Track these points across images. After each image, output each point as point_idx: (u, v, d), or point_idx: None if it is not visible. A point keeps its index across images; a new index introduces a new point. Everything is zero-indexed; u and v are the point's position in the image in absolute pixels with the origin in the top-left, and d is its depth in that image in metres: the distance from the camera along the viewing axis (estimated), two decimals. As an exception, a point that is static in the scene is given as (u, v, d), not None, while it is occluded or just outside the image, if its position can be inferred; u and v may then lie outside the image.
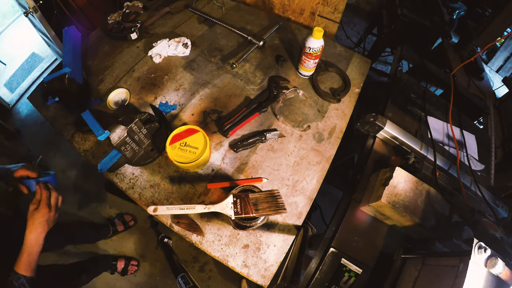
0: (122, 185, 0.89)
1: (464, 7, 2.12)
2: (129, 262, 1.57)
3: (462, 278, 0.61)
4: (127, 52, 1.18)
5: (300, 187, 0.90)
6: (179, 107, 1.03)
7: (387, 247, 0.86)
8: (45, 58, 2.45)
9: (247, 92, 1.08)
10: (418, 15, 1.67)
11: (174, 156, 0.80)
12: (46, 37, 1.81)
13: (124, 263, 1.55)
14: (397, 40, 1.72)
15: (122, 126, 0.88)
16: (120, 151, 0.83)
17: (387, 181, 0.80)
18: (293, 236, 0.83)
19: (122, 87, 1.06)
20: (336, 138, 1.01)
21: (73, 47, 1.09)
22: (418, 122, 1.13)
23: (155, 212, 0.70)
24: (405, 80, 1.27)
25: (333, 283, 0.80)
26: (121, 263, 1.55)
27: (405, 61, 1.79)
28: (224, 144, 0.96)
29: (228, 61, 1.16)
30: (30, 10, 1.52)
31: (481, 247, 0.63)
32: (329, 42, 1.29)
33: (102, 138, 0.89)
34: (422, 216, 0.78)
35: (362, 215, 0.89)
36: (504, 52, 2.77)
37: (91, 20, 1.77)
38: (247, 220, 0.74)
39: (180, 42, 1.16)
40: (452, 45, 1.64)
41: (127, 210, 1.76)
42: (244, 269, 0.78)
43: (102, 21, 1.24)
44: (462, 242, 0.83)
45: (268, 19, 1.35)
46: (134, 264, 1.58)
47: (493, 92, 1.50)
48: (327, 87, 1.13)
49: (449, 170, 0.97)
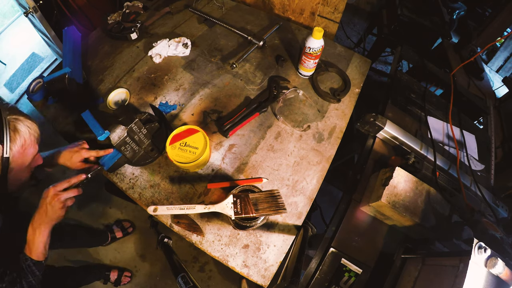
0: (122, 185, 0.89)
1: (464, 7, 2.12)
2: (122, 273, 1.57)
3: (462, 278, 0.61)
4: (127, 52, 1.18)
5: (300, 187, 0.90)
6: (179, 107, 1.03)
7: (387, 247, 0.86)
8: (45, 58, 2.45)
9: (247, 92, 1.08)
10: (418, 15, 1.67)
11: (174, 156, 0.80)
12: (46, 37, 1.81)
13: (117, 274, 1.55)
14: (397, 40, 1.72)
15: (122, 126, 0.88)
16: (120, 151, 0.83)
17: (387, 181, 0.80)
18: (293, 236, 0.83)
19: (122, 87, 1.06)
20: (336, 138, 1.01)
21: (73, 47, 1.09)
22: (418, 122, 1.13)
23: (155, 212, 0.70)
24: (405, 80, 1.27)
25: (333, 283, 0.80)
26: (114, 274, 1.54)
27: (405, 61, 1.79)
28: (224, 144, 0.96)
29: (228, 61, 1.16)
30: (30, 10, 1.52)
31: (481, 247, 0.63)
32: (329, 42, 1.29)
33: (102, 138, 0.89)
34: (422, 216, 0.78)
35: (362, 215, 0.89)
36: (504, 52, 2.77)
37: (91, 20, 1.76)
38: (247, 220, 0.74)
39: (180, 42, 1.16)
40: (452, 45, 1.64)
41: (127, 210, 1.76)
42: (244, 269, 0.78)
43: (102, 21, 1.24)
44: (462, 242, 0.83)
45: (268, 19, 1.35)
46: (127, 276, 1.58)
47: (493, 92, 1.50)
48: (327, 87, 1.13)
49: (449, 170, 0.97)
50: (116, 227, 1.67)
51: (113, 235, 1.63)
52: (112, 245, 1.66)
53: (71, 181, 0.76)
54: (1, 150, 0.62)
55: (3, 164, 0.63)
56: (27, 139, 0.67)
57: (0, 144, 0.61)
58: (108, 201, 1.79)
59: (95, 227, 1.71)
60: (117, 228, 1.67)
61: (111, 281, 1.54)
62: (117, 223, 1.71)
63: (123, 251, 1.66)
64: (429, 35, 1.71)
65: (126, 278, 1.57)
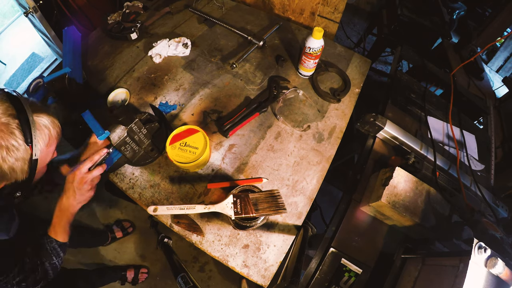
0: (122, 185, 0.89)
1: (464, 7, 2.12)
2: (139, 270, 1.56)
3: (462, 278, 0.61)
4: (127, 52, 1.18)
5: (300, 187, 0.90)
6: (179, 107, 1.03)
7: (387, 247, 0.86)
8: (45, 58, 2.45)
9: (247, 92, 1.08)
10: (418, 15, 1.67)
11: (174, 156, 0.80)
12: (46, 37, 1.81)
13: (134, 272, 1.54)
14: (397, 40, 1.72)
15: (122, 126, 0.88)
16: (120, 151, 0.83)
17: (387, 181, 0.80)
18: (293, 236, 0.83)
19: (122, 87, 1.06)
20: (336, 138, 1.01)
21: (73, 47, 1.09)
22: (418, 122, 1.13)
23: (155, 212, 0.70)
24: (405, 80, 1.27)
25: (333, 283, 0.80)
26: (130, 273, 1.54)
27: (405, 61, 1.79)
28: (224, 144, 0.96)
29: (228, 61, 1.16)
30: (30, 10, 1.52)
31: (481, 247, 0.63)
32: (329, 42, 1.29)
33: (102, 138, 0.89)
34: (422, 216, 0.78)
35: (362, 215, 0.89)
36: (504, 52, 2.77)
37: (91, 20, 1.76)
38: (247, 220, 0.74)
39: (180, 42, 1.16)
40: (452, 45, 1.64)
41: (127, 210, 1.76)
42: (244, 269, 0.78)
43: (102, 21, 1.24)
44: (462, 242, 0.83)
45: (268, 19, 1.35)
46: (144, 272, 1.57)
47: (493, 92, 1.50)
48: (327, 87, 1.13)
49: (449, 170, 0.97)
50: (116, 227, 1.67)
51: (113, 235, 1.63)
52: (112, 245, 1.66)
53: (93, 158, 0.75)
54: (29, 152, 0.58)
55: (31, 167, 0.60)
56: (51, 136, 0.64)
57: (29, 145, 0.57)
58: (108, 201, 1.79)
59: (95, 227, 1.71)
60: (117, 228, 1.66)
61: (128, 280, 1.53)
62: (117, 223, 1.71)
63: (123, 251, 1.66)
64: (429, 35, 1.71)
65: (143, 275, 1.56)
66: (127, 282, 1.54)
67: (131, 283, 1.54)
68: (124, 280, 1.53)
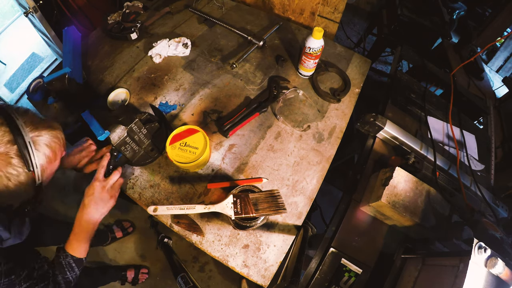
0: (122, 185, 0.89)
1: (464, 7, 2.13)
2: (139, 271, 1.56)
3: (462, 278, 0.61)
4: (127, 52, 1.18)
5: (300, 187, 0.90)
6: (179, 107, 1.03)
7: (387, 247, 0.86)
8: (45, 58, 2.45)
9: (247, 92, 1.08)
10: (418, 15, 1.67)
11: (174, 156, 0.80)
12: (46, 37, 1.81)
13: (134, 273, 1.54)
14: (397, 40, 1.72)
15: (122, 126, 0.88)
16: (120, 151, 0.83)
17: (387, 181, 0.80)
18: (293, 236, 0.83)
19: (122, 87, 1.06)
20: (336, 138, 1.01)
21: (73, 47, 1.09)
22: (418, 122, 1.13)
23: (155, 212, 0.70)
24: (405, 80, 1.27)
25: (333, 283, 0.80)
26: (130, 273, 1.53)
27: (405, 61, 1.79)
28: (224, 144, 0.96)
29: (228, 61, 1.16)
30: (30, 10, 1.52)
31: (481, 247, 0.63)
32: (329, 42, 1.29)
33: (102, 138, 0.89)
34: (422, 216, 0.78)
35: (362, 215, 0.89)
36: (504, 52, 2.77)
37: (91, 20, 1.76)
38: (247, 220, 0.74)
39: (180, 42, 1.16)
40: (452, 45, 1.64)
41: (127, 210, 1.76)
42: (244, 269, 0.78)
43: (102, 21, 1.24)
44: (462, 242, 0.83)
45: (268, 19, 1.35)
46: (144, 272, 1.57)
47: (493, 92, 1.50)
48: (327, 87, 1.13)
49: (449, 170, 0.97)
50: (116, 227, 1.67)
51: (113, 235, 1.63)
52: (112, 245, 1.65)
53: (102, 164, 0.74)
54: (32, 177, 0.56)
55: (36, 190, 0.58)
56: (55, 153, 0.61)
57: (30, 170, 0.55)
58: (108, 201, 1.79)
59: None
60: (117, 228, 1.66)
61: (128, 280, 1.53)
62: (117, 223, 1.71)
63: (123, 251, 1.66)
64: (429, 35, 1.71)
65: (143, 275, 1.56)
66: (127, 282, 1.54)
67: (131, 283, 1.54)
68: (124, 280, 1.53)
